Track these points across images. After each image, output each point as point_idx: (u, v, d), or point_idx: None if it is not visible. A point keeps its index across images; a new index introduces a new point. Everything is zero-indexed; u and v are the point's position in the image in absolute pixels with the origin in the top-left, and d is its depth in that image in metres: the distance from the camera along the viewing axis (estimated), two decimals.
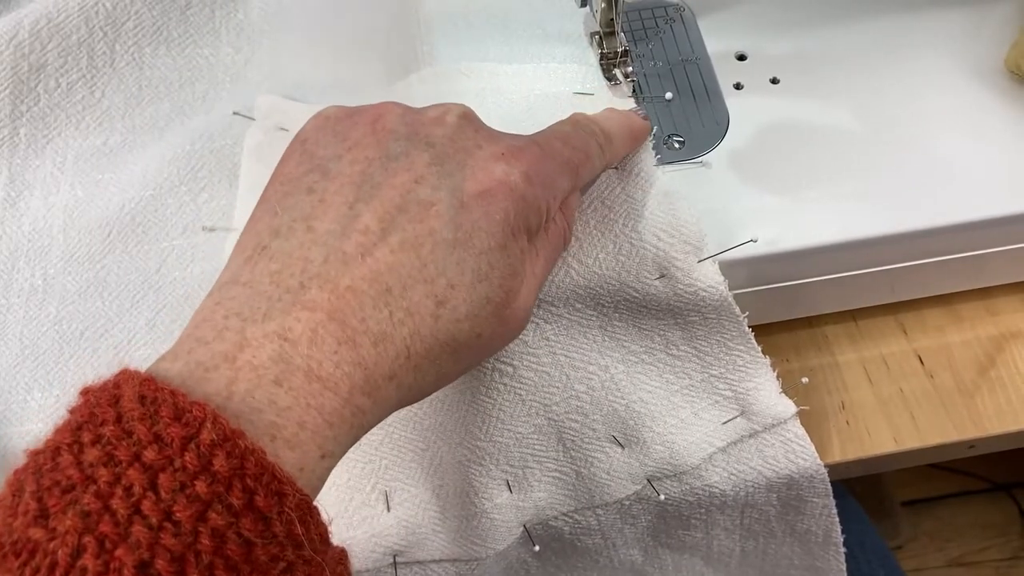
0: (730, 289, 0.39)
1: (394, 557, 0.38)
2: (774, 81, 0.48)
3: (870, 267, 0.44)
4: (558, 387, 0.39)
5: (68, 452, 0.22)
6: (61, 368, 0.43)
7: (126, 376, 0.24)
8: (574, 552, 0.43)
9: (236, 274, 0.27)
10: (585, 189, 0.38)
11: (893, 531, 1.15)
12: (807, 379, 0.44)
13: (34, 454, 0.23)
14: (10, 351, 0.44)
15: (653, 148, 0.39)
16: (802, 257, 0.42)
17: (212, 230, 0.46)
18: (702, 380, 0.41)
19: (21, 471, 0.23)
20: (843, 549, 0.45)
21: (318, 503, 0.24)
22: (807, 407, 0.41)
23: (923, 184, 0.43)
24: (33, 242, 0.47)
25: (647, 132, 0.38)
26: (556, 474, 0.40)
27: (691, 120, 0.46)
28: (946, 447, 0.44)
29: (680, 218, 0.38)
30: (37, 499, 0.22)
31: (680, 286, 0.39)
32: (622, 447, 0.40)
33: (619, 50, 0.47)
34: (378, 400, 0.26)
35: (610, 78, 0.47)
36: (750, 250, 0.40)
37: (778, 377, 0.41)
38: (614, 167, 0.39)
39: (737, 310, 0.39)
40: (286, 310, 0.25)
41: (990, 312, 0.47)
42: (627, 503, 0.41)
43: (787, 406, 0.40)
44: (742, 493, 0.41)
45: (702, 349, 0.41)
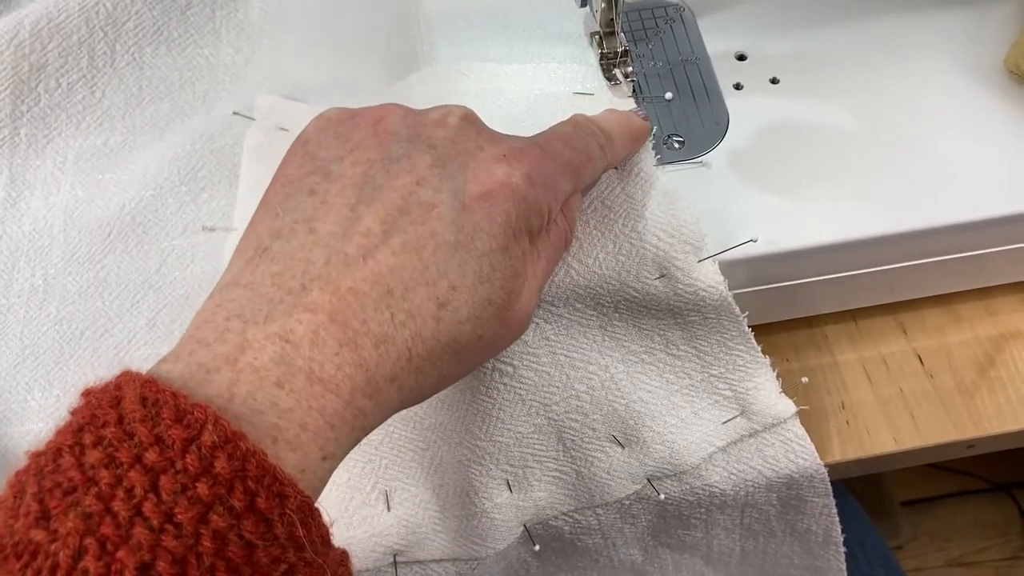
0: (730, 289, 0.39)
1: (394, 557, 0.38)
2: (774, 81, 0.48)
3: (870, 267, 0.44)
4: (558, 387, 0.39)
5: (69, 454, 0.22)
6: (61, 368, 0.43)
7: (127, 378, 0.24)
8: (574, 552, 0.43)
9: (237, 276, 0.27)
10: (587, 190, 0.38)
11: (893, 531, 1.15)
12: (807, 379, 0.44)
13: (35, 455, 0.23)
14: (10, 351, 0.44)
15: (653, 148, 0.39)
16: (802, 257, 0.42)
17: (212, 230, 0.46)
18: (702, 380, 0.41)
19: (22, 472, 0.23)
20: (843, 549, 0.45)
21: (319, 505, 0.24)
22: (807, 407, 0.41)
23: (923, 184, 0.43)
24: (33, 242, 0.47)
25: (647, 133, 0.38)
26: (556, 474, 0.40)
27: (691, 120, 0.46)
28: (946, 447, 0.44)
29: (680, 218, 0.39)
30: (38, 501, 0.22)
31: (680, 286, 0.39)
32: (622, 447, 0.40)
33: (619, 50, 0.47)
34: (379, 402, 0.26)
35: (610, 78, 0.47)
36: (750, 250, 0.40)
37: (778, 377, 0.41)
38: (614, 167, 0.39)
39: (737, 310, 0.39)
40: (287, 312, 0.25)
41: (989, 312, 0.47)
42: (627, 503, 0.41)
43: (787, 406, 0.40)
44: (742, 493, 0.41)
45: (702, 349, 0.41)
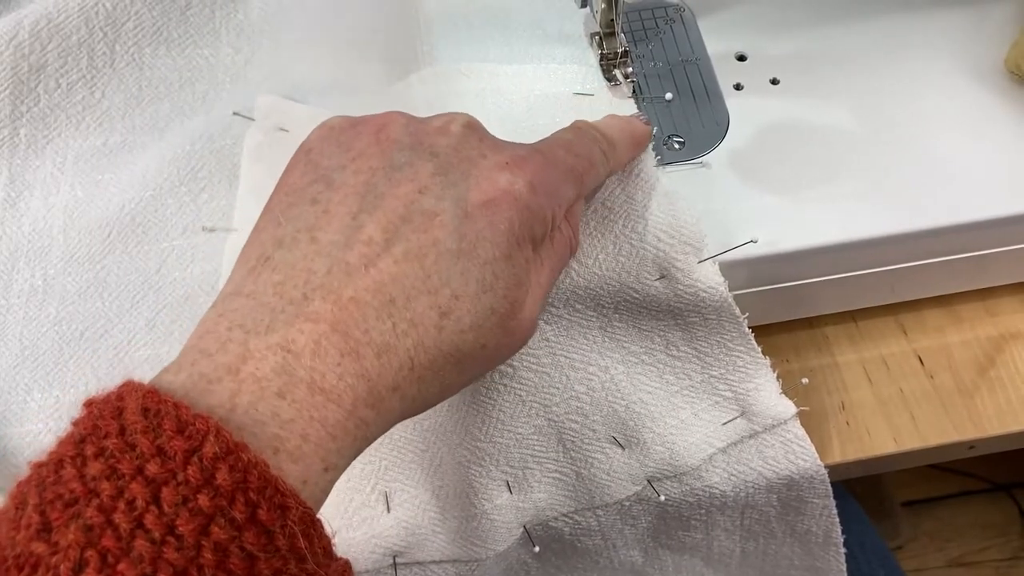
0: (730, 290, 0.39)
1: (394, 558, 0.38)
2: (774, 81, 0.48)
3: (870, 267, 0.44)
4: (558, 388, 0.39)
5: (71, 465, 0.22)
6: (61, 369, 0.43)
7: (129, 388, 0.23)
8: (574, 553, 0.43)
9: (239, 285, 0.27)
10: (590, 197, 0.38)
11: (893, 531, 1.15)
12: (807, 380, 0.44)
13: (37, 466, 0.23)
14: (10, 352, 0.44)
15: (653, 149, 0.39)
16: (802, 257, 0.42)
17: (212, 230, 0.46)
18: (702, 381, 0.41)
19: (24, 483, 0.23)
20: (843, 549, 0.45)
21: (321, 516, 0.24)
22: (807, 408, 0.41)
23: (923, 184, 0.43)
24: (33, 243, 0.47)
25: (649, 137, 0.38)
26: (556, 475, 0.40)
27: (691, 121, 0.46)
28: (946, 447, 0.44)
29: (680, 219, 0.38)
30: (40, 512, 0.21)
31: (680, 287, 0.39)
32: (622, 448, 0.40)
33: (619, 51, 0.47)
34: (381, 412, 0.26)
35: (610, 79, 0.47)
36: (750, 251, 0.40)
37: (778, 378, 0.41)
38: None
39: (737, 311, 0.39)
40: (289, 322, 0.25)
41: (990, 313, 0.47)
42: (627, 504, 0.41)
43: (787, 407, 0.40)
44: (742, 494, 0.41)
45: (702, 350, 0.41)
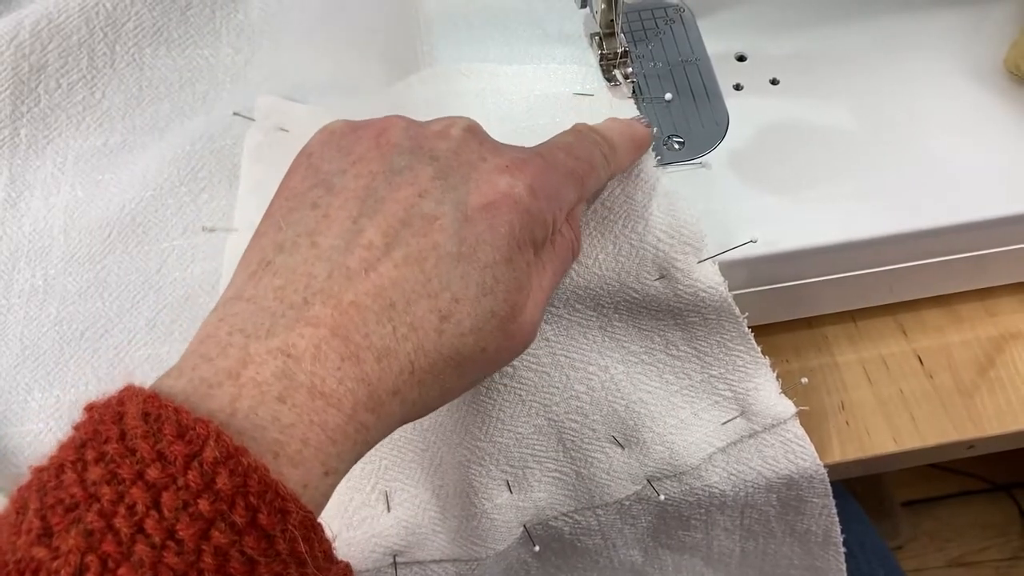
0: (730, 289, 0.39)
1: (394, 557, 0.38)
2: (774, 82, 0.48)
3: (870, 267, 0.44)
4: (558, 387, 0.39)
5: (72, 470, 0.22)
6: (61, 368, 0.43)
7: (130, 392, 0.23)
8: (574, 552, 0.43)
9: (240, 289, 0.27)
10: (592, 200, 0.38)
11: (893, 531, 1.15)
12: (807, 379, 0.43)
13: (38, 471, 0.23)
14: (10, 351, 0.44)
15: (653, 149, 0.39)
16: (802, 257, 0.42)
17: (212, 230, 0.46)
18: (702, 380, 0.41)
19: (25, 488, 0.23)
20: (843, 549, 0.45)
21: (322, 520, 0.24)
22: (807, 407, 0.41)
23: (923, 184, 0.43)
24: (34, 243, 0.47)
25: (650, 140, 0.38)
26: (556, 474, 0.40)
27: (691, 121, 0.46)
28: (946, 447, 0.44)
29: (680, 219, 0.39)
30: (40, 517, 0.21)
31: (680, 287, 0.39)
32: (622, 447, 0.40)
33: (619, 51, 0.47)
34: (382, 416, 0.26)
35: (610, 79, 0.47)
36: (750, 250, 0.40)
37: (778, 377, 0.41)
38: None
39: (737, 311, 0.39)
40: (289, 326, 0.25)
41: (989, 313, 0.47)
42: (627, 503, 0.41)
43: (787, 406, 0.40)
44: (742, 493, 0.41)
45: (702, 349, 0.41)
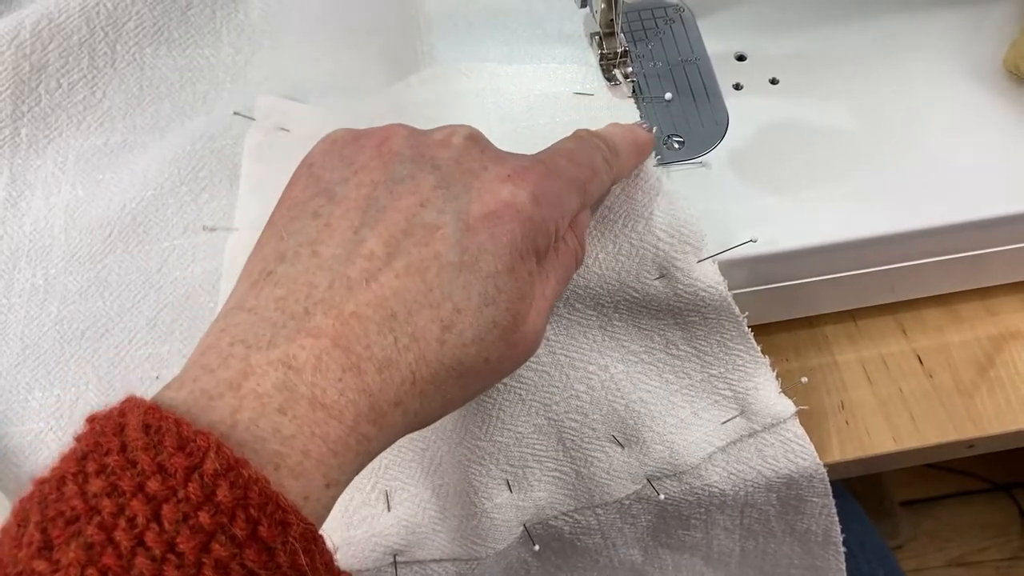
0: (730, 289, 0.39)
1: (394, 557, 0.38)
2: (774, 81, 0.48)
3: (870, 267, 0.44)
4: (558, 387, 0.39)
5: (73, 482, 0.22)
6: (62, 368, 0.43)
7: (131, 404, 0.23)
8: (574, 552, 0.43)
9: (242, 300, 0.27)
10: (596, 206, 0.37)
11: (893, 531, 1.15)
12: (806, 379, 0.44)
13: (40, 482, 0.23)
14: (11, 351, 0.44)
15: (653, 149, 0.39)
16: (802, 257, 0.42)
17: (213, 230, 0.46)
18: (702, 380, 0.41)
19: (27, 500, 0.23)
20: (843, 549, 0.45)
21: (323, 532, 0.24)
22: (806, 407, 0.41)
23: (922, 184, 0.43)
24: (34, 242, 0.47)
25: (652, 145, 0.38)
26: (556, 474, 0.40)
27: (691, 120, 0.46)
28: (945, 447, 0.44)
29: (680, 218, 0.39)
30: (41, 530, 0.21)
31: (680, 286, 0.39)
32: (622, 447, 0.40)
33: (619, 51, 0.47)
34: (383, 427, 0.26)
35: (610, 78, 0.47)
36: (750, 250, 0.40)
37: (777, 377, 0.41)
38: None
39: (737, 310, 0.39)
40: (291, 337, 0.25)
41: (989, 312, 0.47)
42: (627, 503, 0.41)
43: (786, 406, 0.40)
44: (742, 493, 0.41)
45: (702, 349, 0.41)
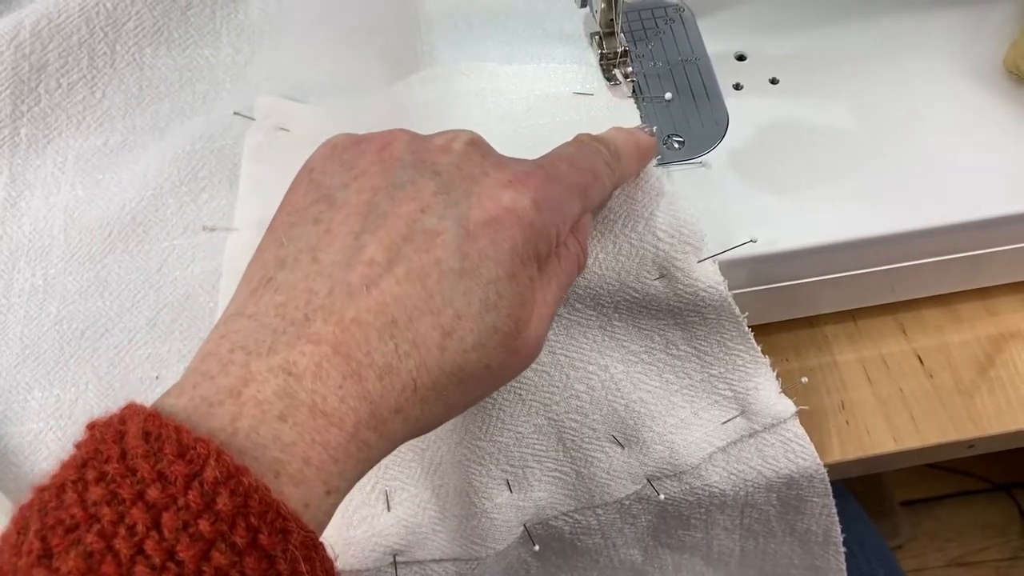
0: (730, 289, 0.39)
1: (394, 557, 0.38)
2: (774, 81, 0.48)
3: (870, 267, 0.44)
4: (558, 387, 0.39)
5: (72, 489, 0.22)
6: (62, 368, 0.43)
7: (131, 411, 0.23)
8: (574, 552, 0.43)
9: (242, 306, 0.27)
10: (597, 210, 0.37)
11: (893, 531, 1.15)
12: (806, 379, 0.44)
13: (39, 490, 0.23)
14: (11, 351, 0.44)
15: (655, 153, 0.39)
16: (802, 257, 0.42)
17: (213, 230, 0.46)
18: (702, 380, 0.41)
19: (27, 508, 0.22)
20: (843, 548, 0.45)
21: (323, 539, 0.24)
22: (807, 407, 0.41)
23: (922, 183, 0.43)
24: (34, 242, 0.47)
25: (654, 149, 0.38)
26: (556, 474, 0.40)
27: (691, 120, 0.46)
28: (945, 447, 0.44)
29: (680, 218, 0.39)
30: (41, 538, 0.21)
31: (680, 286, 0.39)
32: (622, 447, 0.40)
33: (619, 50, 0.47)
34: (384, 434, 0.26)
35: (610, 78, 0.47)
36: (750, 250, 0.40)
37: (778, 377, 0.41)
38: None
39: (737, 310, 0.39)
40: (291, 344, 0.25)
41: (989, 312, 0.47)
42: (627, 503, 0.41)
43: (787, 406, 0.40)
44: (742, 493, 0.41)
45: (702, 349, 0.41)
